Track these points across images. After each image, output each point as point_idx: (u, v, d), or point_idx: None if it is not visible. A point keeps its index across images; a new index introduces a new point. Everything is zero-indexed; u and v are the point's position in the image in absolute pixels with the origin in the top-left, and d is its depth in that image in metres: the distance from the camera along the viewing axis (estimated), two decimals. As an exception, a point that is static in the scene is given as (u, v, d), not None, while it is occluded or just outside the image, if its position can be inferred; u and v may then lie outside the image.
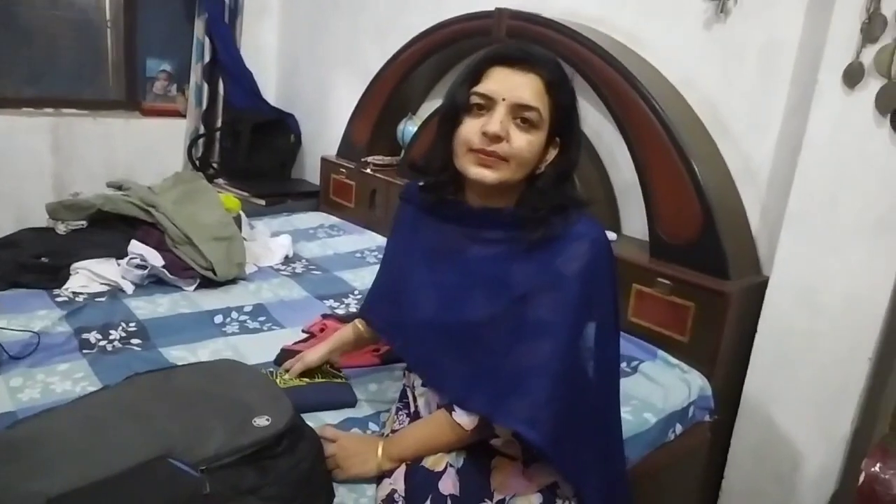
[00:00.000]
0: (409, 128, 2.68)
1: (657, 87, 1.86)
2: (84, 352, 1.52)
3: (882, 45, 1.42)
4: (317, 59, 3.31)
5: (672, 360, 1.73)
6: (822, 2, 1.59)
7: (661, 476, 1.59)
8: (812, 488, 1.64)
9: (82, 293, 1.82)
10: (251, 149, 3.25)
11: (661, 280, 1.78)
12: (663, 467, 1.57)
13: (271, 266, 2.21)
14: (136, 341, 1.60)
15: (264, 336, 1.71)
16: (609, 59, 1.90)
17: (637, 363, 1.71)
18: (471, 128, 1.06)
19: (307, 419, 1.16)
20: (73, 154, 3.15)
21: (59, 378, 1.40)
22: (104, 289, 1.86)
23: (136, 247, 1.94)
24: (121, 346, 1.57)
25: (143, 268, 1.91)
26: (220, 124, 3.44)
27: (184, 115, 3.42)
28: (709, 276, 1.72)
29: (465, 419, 1.10)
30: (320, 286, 2.07)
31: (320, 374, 1.40)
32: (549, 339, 1.04)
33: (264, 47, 3.53)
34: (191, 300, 1.87)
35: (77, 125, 3.17)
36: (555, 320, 1.04)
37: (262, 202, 2.97)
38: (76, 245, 1.97)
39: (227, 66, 3.35)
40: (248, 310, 1.85)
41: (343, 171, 2.87)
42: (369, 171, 2.72)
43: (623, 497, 1.15)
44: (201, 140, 3.41)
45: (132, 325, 1.68)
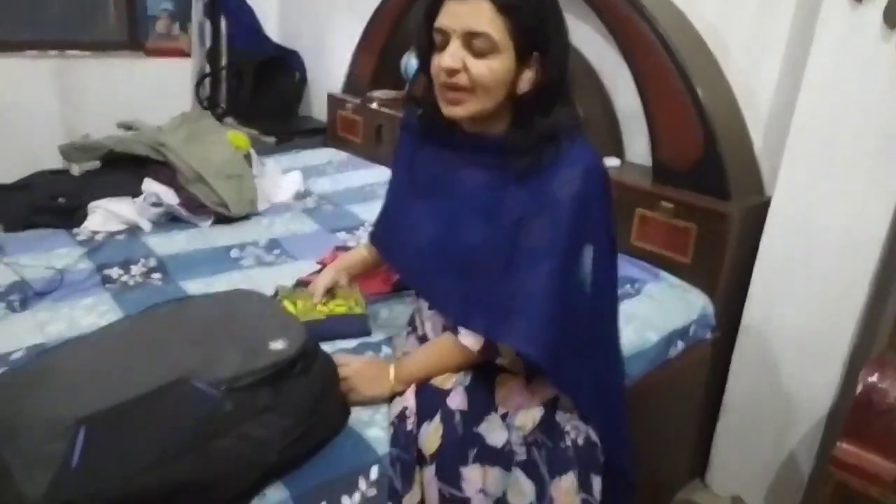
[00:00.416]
0: (412, 62, 2.65)
1: (660, 10, 1.82)
2: (107, 286, 1.58)
3: (891, -44, 1.38)
4: (318, -8, 3.26)
5: (675, 280, 1.78)
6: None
7: (663, 392, 1.65)
8: (811, 403, 1.70)
9: (101, 232, 1.87)
10: (257, 89, 3.24)
11: (663, 203, 1.80)
12: (665, 383, 1.64)
13: (283, 202, 2.25)
14: (156, 276, 1.66)
15: (279, 268, 1.76)
16: (611, -19, 1.87)
17: (640, 285, 1.75)
18: (436, 63, 1.07)
19: (322, 344, 1.21)
20: (79, 96, 3.15)
21: (84, 311, 1.46)
22: (122, 227, 1.91)
23: (150, 185, 1.98)
24: (142, 280, 1.63)
25: (159, 206, 1.96)
26: (224, 63, 3.42)
27: (188, 55, 3.40)
28: (710, 198, 1.73)
29: (470, 340, 1.15)
30: (331, 220, 2.12)
31: (342, 300, 1.44)
32: (546, 262, 1.07)
33: (264, -19, 3.47)
34: (206, 236, 1.93)
35: (81, 67, 3.17)
36: (550, 244, 1.07)
37: (272, 140, 2.99)
38: (91, 185, 2.01)
39: (228, 2, 3.30)
40: (262, 244, 1.90)
41: (349, 106, 2.87)
42: (374, 106, 2.71)
43: (617, 410, 1.20)
44: (207, 80, 3.40)
45: (152, 260, 1.73)
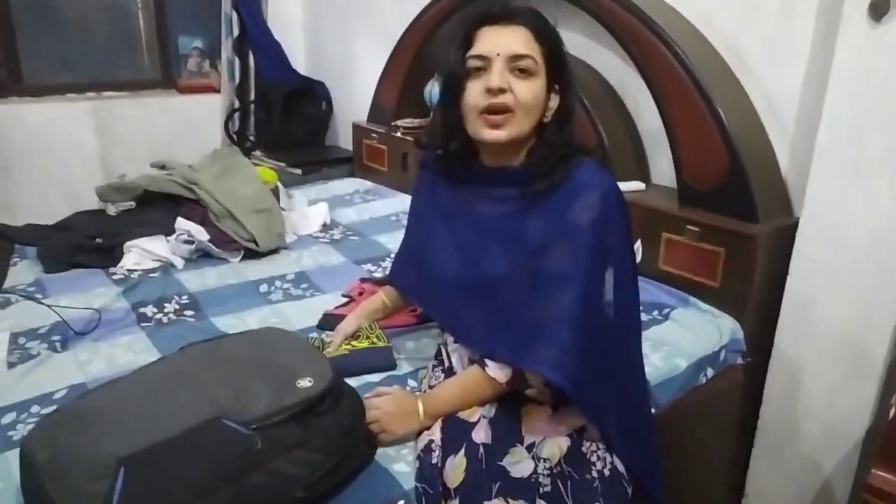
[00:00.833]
0: (435, 89, 2.69)
1: (677, 28, 1.83)
2: (142, 325, 1.63)
3: (908, -25, 1.38)
4: (341, 25, 3.33)
5: (703, 305, 1.76)
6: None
7: (694, 419, 1.63)
8: (847, 424, 1.66)
9: (136, 270, 1.94)
10: (284, 119, 3.32)
11: (689, 227, 1.79)
12: (696, 410, 1.61)
13: (310, 234, 2.30)
14: (189, 312, 1.71)
15: (307, 302, 1.79)
16: (625, 4, 1.88)
17: (668, 310, 1.74)
18: (475, 89, 1.11)
19: (351, 382, 1.23)
20: (115, 136, 3.27)
21: (122, 350, 1.51)
22: (156, 265, 1.97)
23: (182, 223, 2.04)
24: (175, 318, 1.68)
25: (191, 243, 2.01)
26: (253, 97, 3.52)
27: (218, 91, 3.50)
28: (737, 221, 1.72)
29: (498, 373, 1.16)
30: (358, 251, 2.15)
31: (364, 338, 1.47)
32: (569, 289, 1.09)
33: (290, 17, 3.55)
34: (237, 271, 1.97)
35: (117, 107, 3.29)
36: (573, 270, 1.09)
37: (299, 171, 3.05)
38: (126, 225, 2.08)
39: (256, 38, 3.40)
40: (290, 278, 1.94)
41: (374, 136, 2.92)
42: (399, 134, 2.76)
43: (645, 435, 1.20)
44: (237, 114, 3.49)
45: (184, 297, 1.78)
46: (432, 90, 2.71)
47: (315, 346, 1.45)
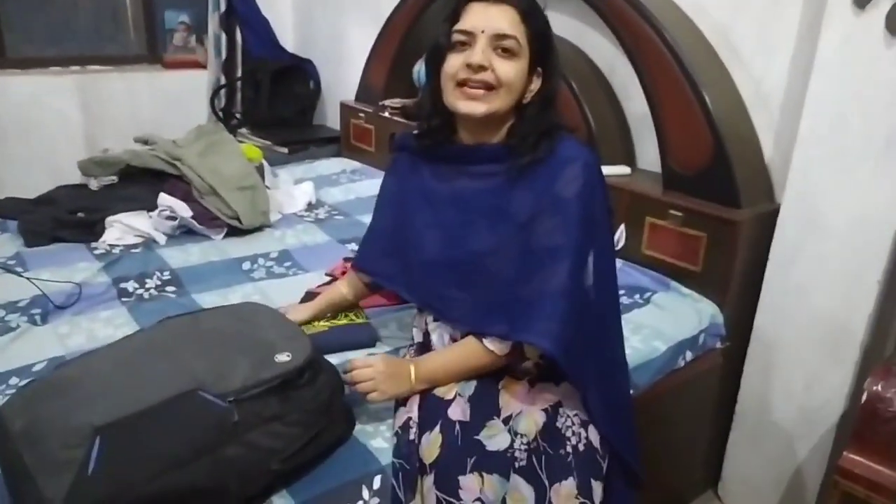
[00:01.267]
0: (423, 69, 2.68)
1: (667, 14, 1.83)
2: (123, 300, 1.63)
3: (894, -37, 1.38)
4: (330, 3, 3.29)
5: (684, 290, 1.77)
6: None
7: (672, 401, 1.65)
8: (824, 408, 1.68)
9: (118, 245, 1.92)
10: (272, 97, 3.29)
11: (673, 212, 1.80)
12: (674, 393, 1.63)
13: (295, 213, 2.29)
14: (170, 289, 1.70)
15: (290, 280, 1.79)
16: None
17: (650, 294, 1.75)
18: (454, 62, 1.12)
19: (332, 359, 1.23)
20: (100, 111, 3.23)
21: (102, 324, 1.51)
22: (138, 240, 1.96)
23: (164, 199, 2.03)
24: (157, 293, 1.67)
25: (173, 219, 2.00)
26: (240, 74, 3.48)
27: (205, 66, 3.46)
28: (720, 206, 1.73)
29: (497, 346, 1.16)
30: (342, 230, 2.14)
31: (343, 316, 1.47)
32: (563, 262, 1.11)
33: (279, -7, 3.53)
34: (220, 248, 1.96)
35: (102, 82, 3.24)
36: (564, 243, 1.11)
37: (286, 150, 3.03)
38: (109, 200, 2.06)
39: (244, 14, 3.36)
40: (273, 256, 1.93)
41: (362, 115, 2.90)
42: (387, 114, 2.74)
43: (623, 408, 1.22)
44: (223, 91, 3.46)
45: (166, 273, 1.77)
46: (420, 70, 2.69)
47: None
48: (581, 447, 1.11)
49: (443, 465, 1.07)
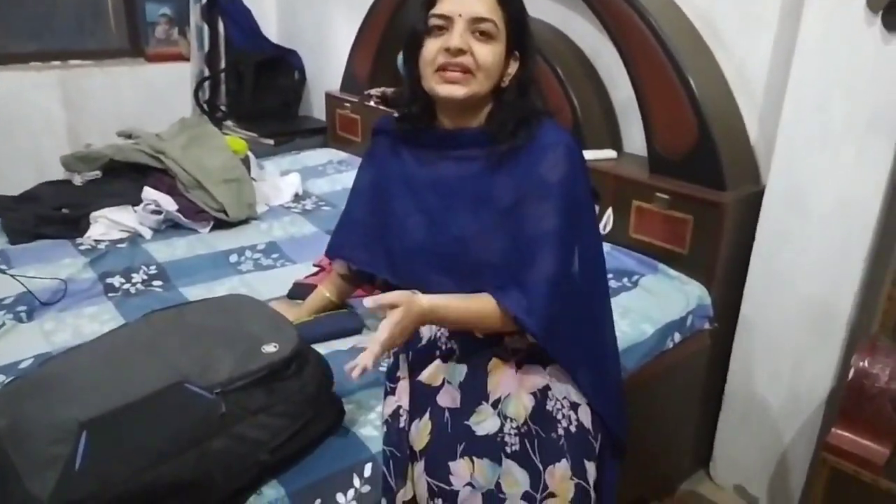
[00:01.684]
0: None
1: (651, -1, 1.83)
2: (109, 295, 1.61)
3: (874, -60, 1.38)
4: (314, -8, 3.27)
5: (672, 272, 1.78)
6: None
7: (661, 383, 1.66)
8: (812, 388, 1.70)
9: (103, 241, 1.91)
10: (256, 89, 3.26)
11: (659, 195, 1.80)
12: (663, 375, 1.64)
13: (282, 205, 2.27)
14: (157, 283, 1.69)
15: (277, 272, 1.79)
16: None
17: (637, 277, 1.76)
18: (432, 47, 1.12)
19: (320, 348, 1.23)
20: (83, 106, 3.19)
21: (88, 320, 1.50)
22: (123, 235, 1.94)
23: (149, 193, 2.01)
24: (143, 288, 1.66)
25: (159, 213, 1.99)
26: (223, 66, 3.45)
27: (187, 59, 3.42)
28: (706, 188, 1.73)
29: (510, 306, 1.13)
30: (330, 221, 2.11)
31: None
32: (548, 248, 1.11)
33: (261, -18, 3.49)
34: (206, 242, 1.95)
35: (84, 77, 3.20)
36: (550, 229, 1.12)
37: (271, 142, 3.01)
38: (93, 195, 2.05)
39: (225, 5, 3.32)
40: (260, 248, 1.92)
41: (347, 105, 2.89)
42: (372, 103, 2.73)
43: (615, 388, 1.24)
44: (207, 83, 3.42)
45: (152, 268, 1.76)
46: (405, 59, 2.68)
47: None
48: (573, 429, 1.12)
49: (433, 451, 1.08)
